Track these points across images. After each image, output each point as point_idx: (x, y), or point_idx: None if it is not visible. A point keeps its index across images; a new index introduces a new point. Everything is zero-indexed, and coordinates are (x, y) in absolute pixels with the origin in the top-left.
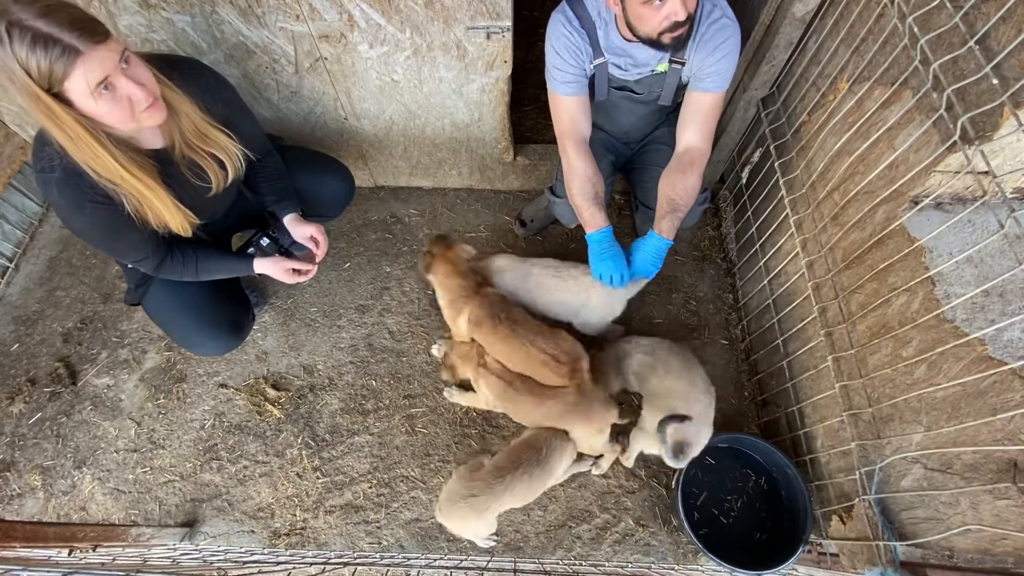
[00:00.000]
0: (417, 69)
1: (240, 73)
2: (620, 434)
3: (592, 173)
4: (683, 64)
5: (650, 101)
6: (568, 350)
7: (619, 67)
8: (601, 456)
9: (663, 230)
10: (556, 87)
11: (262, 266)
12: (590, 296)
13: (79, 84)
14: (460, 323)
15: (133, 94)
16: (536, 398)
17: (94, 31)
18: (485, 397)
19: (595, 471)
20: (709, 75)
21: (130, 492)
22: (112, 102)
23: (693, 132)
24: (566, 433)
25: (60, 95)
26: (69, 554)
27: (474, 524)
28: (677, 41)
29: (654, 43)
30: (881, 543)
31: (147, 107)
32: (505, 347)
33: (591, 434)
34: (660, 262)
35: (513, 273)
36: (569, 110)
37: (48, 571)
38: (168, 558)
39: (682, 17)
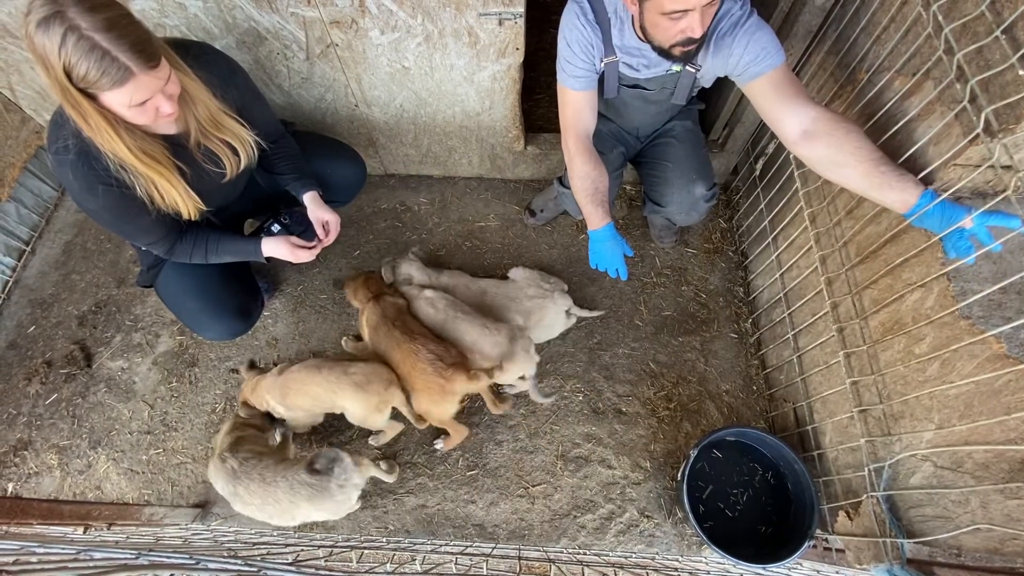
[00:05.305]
0: (428, 56)
1: (251, 59)
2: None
3: (591, 170)
4: (698, 69)
5: (662, 100)
6: (456, 357)
7: (630, 66)
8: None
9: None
10: (565, 79)
11: (269, 247)
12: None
13: (119, 98)
14: (362, 324)
15: (162, 108)
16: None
17: (151, 55)
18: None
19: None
20: (755, 57)
21: (144, 473)
22: (140, 112)
23: (795, 109)
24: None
25: (87, 91)
26: (84, 531)
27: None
28: (687, 56)
29: (664, 53)
30: (888, 540)
31: (166, 114)
32: (398, 352)
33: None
34: None
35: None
36: (575, 104)
37: (64, 548)
38: (180, 537)
39: (698, 35)
